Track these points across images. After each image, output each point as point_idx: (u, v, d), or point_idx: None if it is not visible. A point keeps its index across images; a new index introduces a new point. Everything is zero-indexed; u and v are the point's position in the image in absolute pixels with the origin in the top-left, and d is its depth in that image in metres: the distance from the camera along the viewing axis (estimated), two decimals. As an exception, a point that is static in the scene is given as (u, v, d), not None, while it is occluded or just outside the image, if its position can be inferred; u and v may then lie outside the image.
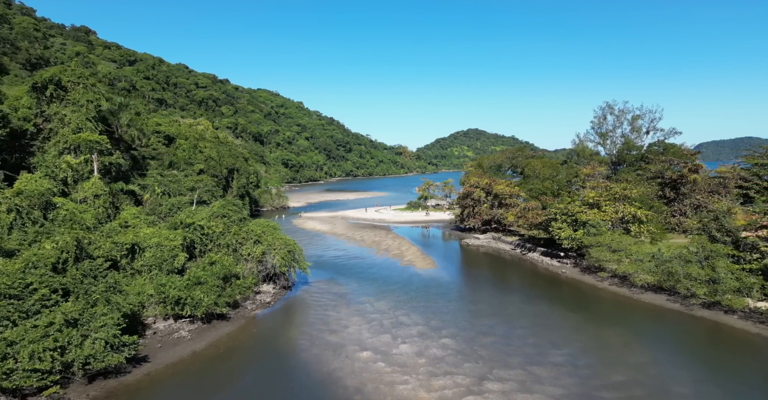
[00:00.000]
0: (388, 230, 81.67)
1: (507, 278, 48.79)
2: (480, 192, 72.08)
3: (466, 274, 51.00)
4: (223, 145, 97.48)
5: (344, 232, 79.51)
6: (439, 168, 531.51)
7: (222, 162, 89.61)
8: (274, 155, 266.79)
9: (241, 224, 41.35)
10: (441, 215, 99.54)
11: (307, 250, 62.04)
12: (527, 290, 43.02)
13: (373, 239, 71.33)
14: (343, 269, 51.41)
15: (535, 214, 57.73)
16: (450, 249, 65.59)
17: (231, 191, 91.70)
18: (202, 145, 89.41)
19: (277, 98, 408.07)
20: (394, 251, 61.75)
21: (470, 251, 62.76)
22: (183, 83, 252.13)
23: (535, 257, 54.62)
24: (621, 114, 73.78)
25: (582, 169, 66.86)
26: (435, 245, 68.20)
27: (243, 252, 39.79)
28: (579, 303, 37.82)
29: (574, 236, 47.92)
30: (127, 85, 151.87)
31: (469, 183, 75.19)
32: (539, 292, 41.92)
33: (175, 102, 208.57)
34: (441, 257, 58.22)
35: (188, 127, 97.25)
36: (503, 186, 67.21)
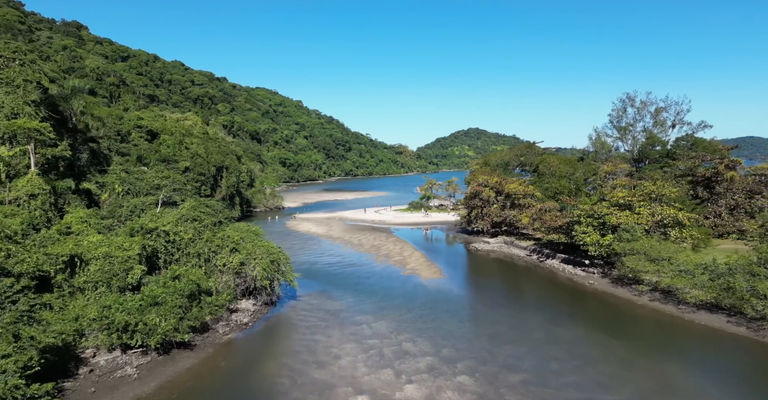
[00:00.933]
0: (389, 233, 75.44)
1: (526, 290, 42.53)
2: (489, 192, 65.86)
3: (477, 285, 44.72)
4: (212, 141, 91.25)
5: (341, 235, 73.29)
6: (440, 167, 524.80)
7: (210, 159, 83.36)
8: (272, 154, 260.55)
9: (216, 229, 35.11)
10: (445, 216, 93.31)
11: (299, 256, 55.91)
12: (552, 306, 36.76)
13: (373, 243, 65.11)
14: (337, 279, 45.16)
15: (553, 216, 51.50)
16: (457, 255, 59.35)
17: (220, 191, 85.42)
18: (188, 141, 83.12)
19: (276, 97, 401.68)
20: (395, 257, 55.51)
21: (480, 257, 56.52)
22: (178, 80, 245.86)
23: (555, 264, 48.38)
24: (642, 106, 67.50)
25: (602, 166, 60.66)
26: (440, 250, 61.95)
27: (217, 262, 33.58)
28: (619, 325, 31.56)
29: (602, 242, 41.70)
30: (116, 80, 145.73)
31: (477, 182, 68.94)
32: (567, 309, 35.66)
33: (168, 99, 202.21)
34: (448, 265, 52.00)
35: (175, 122, 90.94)
36: (516, 185, 60.96)
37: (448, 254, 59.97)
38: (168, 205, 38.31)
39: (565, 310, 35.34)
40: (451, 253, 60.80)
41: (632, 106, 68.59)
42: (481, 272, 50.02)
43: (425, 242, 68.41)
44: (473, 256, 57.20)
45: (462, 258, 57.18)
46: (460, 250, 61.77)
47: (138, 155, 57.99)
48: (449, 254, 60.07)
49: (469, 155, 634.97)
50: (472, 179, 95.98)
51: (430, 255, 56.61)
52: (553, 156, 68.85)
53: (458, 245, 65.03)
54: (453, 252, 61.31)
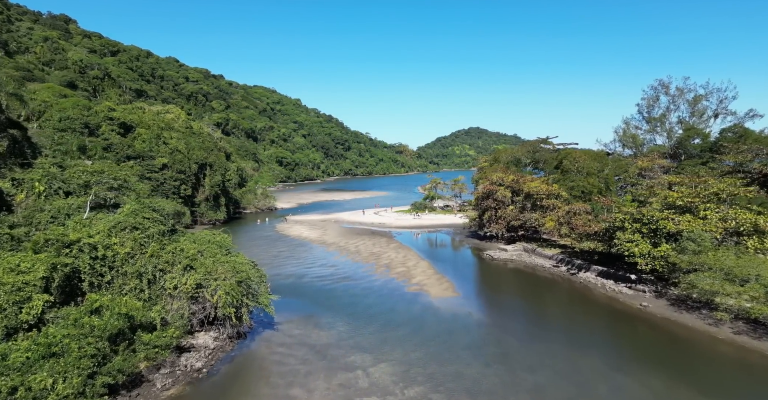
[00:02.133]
0: (390, 238, 67.25)
1: (562, 314, 34.28)
2: (505, 191, 57.68)
3: (500, 307, 36.46)
4: (196, 136, 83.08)
5: (336, 240, 65.09)
6: (441, 167, 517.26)
7: (191, 156, 75.17)
8: (268, 153, 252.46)
9: (166, 240, 26.92)
10: (451, 217, 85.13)
11: (285, 267, 47.72)
12: (604, 339, 28.57)
13: (372, 250, 56.93)
14: (328, 298, 36.97)
15: (584, 220, 43.31)
16: (470, 265, 51.18)
17: (202, 190, 77.17)
18: (167, 135, 74.95)
19: (274, 95, 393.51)
20: (398, 267, 47.33)
21: (496, 267, 48.34)
22: (171, 76, 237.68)
23: (590, 278, 40.20)
24: (679, 94, 59.33)
25: (635, 161, 52.48)
26: (449, 259, 53.75)
27: (166, 284, 25.39)
28: (705, 373, 23.35)
29: (654, 253, 33.55)
30: (100, 73, 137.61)
31: (490, 180, 60.76)
32: (627, 345, 27.44)
33: (158, 94, 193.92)
34: (460, 278, 43.84)
35: (154, 115, 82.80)
36: (537, 183, 52.72)
37: (459, 263, 51.80)
38: (104, 208, 30.02)
39: (624, 346, 27.12)
40: (462, 262, 52.64)
41: (666, 94, 60.43)
42: (502, 287, 41.78)
43: (431, 249, 60.23)
44: (488, 266, 49.00)
45: (476, 269, 48.98)
46: (472, 258, 53.57)
47: (80, 145, 49.44)
48: (460, 263, 51.90)
49: (470, 155, 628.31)
50: (481, 178, 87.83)
51: (438, 265, 48.43)
52: (579, 151, 60.57)
53: (469, 253, 56.82)
54: (464, 261, 53.14)
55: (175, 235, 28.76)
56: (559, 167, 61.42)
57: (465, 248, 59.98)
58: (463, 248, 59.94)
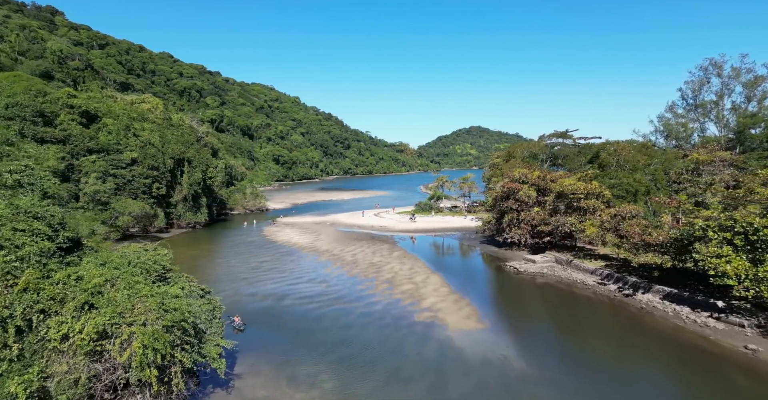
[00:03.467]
0: (393, 244, 58.12)
1: (631, 360, 25.02)
2: (529, 190, 48.56)
3: (544, 346, 27.06)
4: (174, 128, 73.89)
5: (330, 247, 55.95)
6: (442, 166, 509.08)
7: (166, 150, 65.99)
8: (264, 151, 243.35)
9: (55, 264, 17.74)
10: (461, 220, 75.98)
11: (263, 284, 38.51)
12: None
13: (371, 260, 47.81)
14: (313, 332, 27.82)
15: (641, 227, 34.10)
16: (491, 280, 41.99)
17: (180, 189, 67.97)
18: (138, 126, 65.76)
19: (272, 92, 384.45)
20: (404, 284, 38.19)
21: (524, 283, 39.18)
22: (163, 71, 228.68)
23: (654, 302, 31.01)
24: (734, 75, 50.07)
25: (692, 154, 43.29)
26: (465, 272, 44.58)
27: (50, 334, 16.24)
28: None
29: (760, 274, 24.43)
30: (81, 64, 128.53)
31: (510, 177, 51.68)
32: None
33: (147, 88, 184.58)
34: (483, 299, 34.77)
35: (128, 104, 73.67)
36: (573, 180, 43.50)
37: (477, 278, 42.66)
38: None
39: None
40: (480, 276, 43.48)
41: (718, 76, 51.22)
42: (538, 314, 32.52)
43: (441, 258, 51.12)
44: (513, 282, 39.81)
45: (499, 286, 39.76)
46: (491, 271, 44.34)
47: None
48: (479, 278, 42.76)
49: (471, 154, 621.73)
50: (494, 175, 78.73)
51: (452, 281, 39.29)
52: (621, 142, 51.35)
53: (487, 263, 47.64)
54: (483, 275, 43.98)
55: (73, 255, 19.51)
56: (594, 162, 52.15)
57: (481, 257, 50.78)
58: (479, 258, 50.77)
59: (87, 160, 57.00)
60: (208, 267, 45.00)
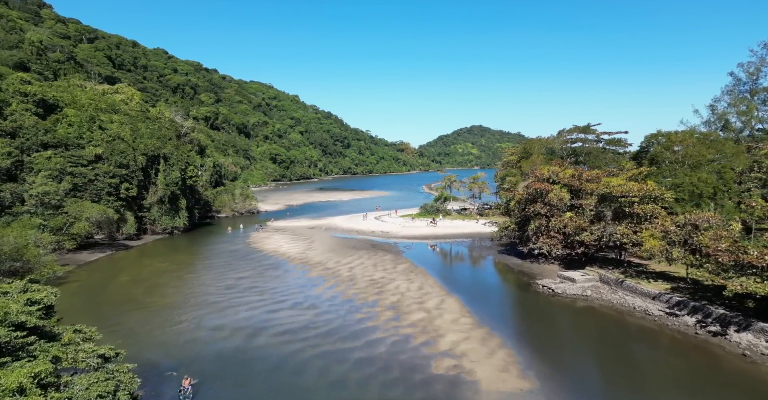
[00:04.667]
0: (397, 254, 50.01)
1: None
2: (561, 192, 40.44)
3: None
4: (150, 122, 65.70)
5: (324, 257, 47.81)
6: (443, 166, 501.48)
7: (137, 145, 57.85)
8: (261, 149, 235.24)
9: None
10: (472, 224, 67.78)
11: (235, 310, 30.18)
12: None
13: (372, 276, 39.67)
14: (291, 395, 19.66)
15: (728, 241, 25.88)
16: (521, 304, 33.65)
17: (154, 190, 59.83)
18: (105, 118, 57.62)
19: (270, 90, 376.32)
20: (413, 312, 30.02)
21: (566, 310, 31.02)
22: (156, 66, 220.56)
23: (761, 346, 22.82)
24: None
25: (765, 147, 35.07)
26: (487, 292, 36.37)
27: None
28: None
29: None
30: (62, 56, 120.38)
31: (537, 175, 43.57)
32: None
33: (136, 83, 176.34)
34: (520, 337, 26.60)
35: (98, 94, 65.50)
36: (621, 180, 35.20)
37: (505, 301, 34.48)
38: None
39: None
40: (508, 299, 35.24)
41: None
42: (604, 362, 24.25)
43: (455, 272, 42.96)
44: (552, 308, 31.62)
45: (536, 315, 31.45)
46: (520, 291, 36.06)
47: None
48: (506, 301, 34.56)
49: (473, 153, 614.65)
50: (509, 175, 70.62)
51: (474, 306, 31.17)
52: (679, 133, 42.82)
53: (512, 280, 39.37)
54: (510, 297, 35.72)
55: None
56: (641, 157, 43.92)
57: (503, 271, 42.58)
58: (500, 272, 42.57)
59: (40, 157, 48.89)
60: (173, 286, 36.87)
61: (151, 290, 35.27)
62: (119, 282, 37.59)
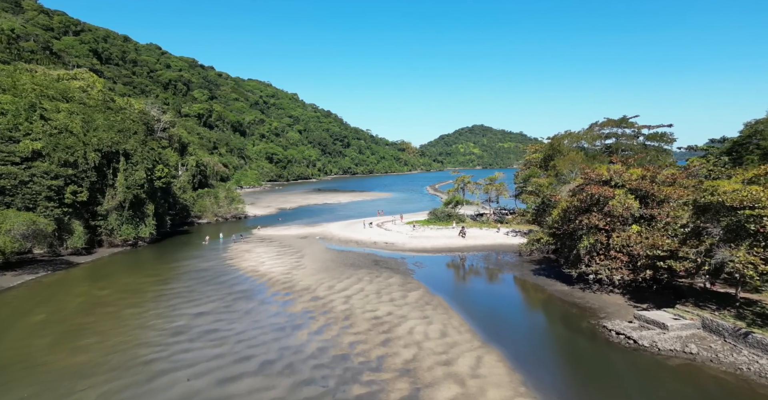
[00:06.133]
0: (405, 274, 39.84)
1: None
2: (627, 199, 30.35)
3: None
4: (113, 113, 55.45)
5: (312, 280, 37.62)
6: (445, 165, 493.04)
7: (90, 139, 47.71)
8: (257, 148, 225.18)
9: None
10: (492, 234, 57.49)
11: (169, 380, 18.39)
12: None
13: (375, 311, 29.48)
14: None
15: None
16: (595, 366, 23.18)
17: (112, 193, 49.71)
18: (50, 106, 47.49)
19: (269, 88, 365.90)
20: (439, 386, 19.71)
21: (663, 375, 20.84)
22: (146, 61, 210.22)
23: None
24: None
25: None
26: (539, 345, 26.03)
27: None
28: None
29: None
30: (36, 46, 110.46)
31: (589, 177, 33.46)
32: None
33: (121, 77, 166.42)
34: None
35: (51, 80, 55.32)
36: (737, 185, 24.90)
37: (570, 361, 24.07)
38: None
39: None
40: (571, 355, 24.71)
41: None
42: None
43: (485, 304, 32.61)
44: (642, 372, 21.35)
45: (623, 386, 21.18)
46: (583, 340, 25.72)
47: None
48: (571, 361, 24.11)
49: (474, 153, 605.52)
50: (533, 175, 60.44)
51: (529, 371, 21.01)
52: None
53: (563, 318, 29.09)
54: (574, 351, 25.12)
55: None
56: (738, 152, 33.73)
57: (548, 302, 32.29)
58: (544, 305, 32.26)
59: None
60: (99, 331, 26.69)
61: (63, 339, 25.12)
62: (26, 324, 27.39)
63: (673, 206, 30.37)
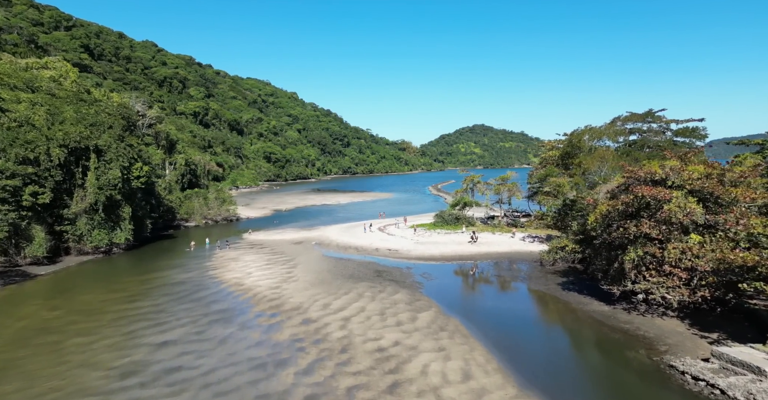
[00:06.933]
0: (413, 289, 34.26)
1: None
2: (688, 202, 24.81)
3: None
4: (86, 105, 49.83)
5: (305, 296, 32.00)
6: (446, 165, 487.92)
7: (55, 133, 42.12)
8: (255, 148, 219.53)
9: None
10: (506, 239, 51.85)
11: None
12: None
13: (378, 342, 23.86)
14: None
15: None
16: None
17: (81, 195, 44.13)
18: (9, 97, 41.98)
19: (267, 87, 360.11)
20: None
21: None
22: (140, 58, 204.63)
23: None
24: None
25: None
26: (589, 390, 20.51)
27: None
28: None
29: None
30: (19, 38, 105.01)
31: (639, 175, 27.90)
32: None
33: (110, 73, 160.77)
34: None
35: (20, 69, 49.78)
36: None
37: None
38: None
39: None
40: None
41: None
42: None
43: (512, 328, 27.00)
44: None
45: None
46: (646, 385, 20.11)
47: None
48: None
49: (476, 152, 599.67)
50: (551, 174, 54.87)
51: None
52: None
53: (611, 349, 23.53)
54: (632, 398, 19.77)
55: None
56: None
57: (590, 327, 26.64)
58: (583, 330, 26.62)
59: None
60: (26, 370, 21.13)
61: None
62: (-61, 361, 21.82)
63: (743, 211, 24.80)
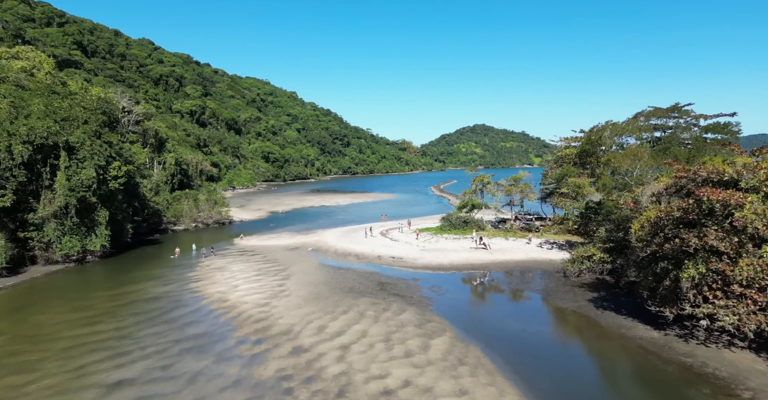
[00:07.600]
0: (423, 307, 29.56)
1: None
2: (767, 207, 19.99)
3: None
4: (59, 97, 45.15)
5: (297, 316, 27.29)
6: (446, 165, 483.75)
7: (18, 128, 37.47)
8: (253, 147, 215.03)
9: None
10: (521, 245, 47.10)
11: None
12: None
13: (384, 381, 19.12)
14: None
15: None
16: None
17: (48, 197, 39.45)
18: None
19: (267, 86, 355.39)
20: None
21: None
22: (136, 55, 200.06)
23: None
24: None
25: None
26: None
27: None
28: None
29: None
30: (4, 32, 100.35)
31: (700, 175, 23.20)
32: None
33: (102, 69, 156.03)
34: None
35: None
36: None
37: None
38: None
39: None
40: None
41: None
42: None
43: (543, 361, 22.30)
44: None
45: None
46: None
47: None
48: None
49: (476, 152, 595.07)
50: (568, 174, 50.21)
51: None
52: None
53: (668, 394, 18.91)
54: None
55: None
56: None
57: (639, 362, 21.93)
58: (632, 364, 21.89)
59: None
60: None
61: None
62: None
63: (831, 219, 20.14)
